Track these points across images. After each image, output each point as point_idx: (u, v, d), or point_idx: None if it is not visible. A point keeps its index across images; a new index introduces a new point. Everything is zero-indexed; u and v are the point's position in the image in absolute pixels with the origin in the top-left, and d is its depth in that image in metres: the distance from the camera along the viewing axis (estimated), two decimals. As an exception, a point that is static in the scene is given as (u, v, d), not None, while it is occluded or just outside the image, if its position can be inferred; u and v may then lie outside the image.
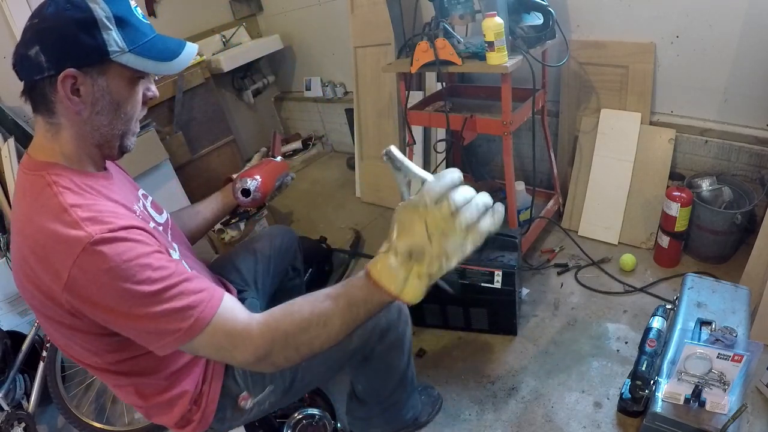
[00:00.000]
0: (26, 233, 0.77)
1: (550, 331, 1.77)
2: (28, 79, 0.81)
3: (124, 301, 0.74)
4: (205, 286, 0.80)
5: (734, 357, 1.06)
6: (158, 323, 0.75)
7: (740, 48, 1.73)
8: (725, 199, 1.84)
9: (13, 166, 2.27)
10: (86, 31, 0.77)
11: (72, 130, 0.83)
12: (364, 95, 2.76)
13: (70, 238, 0.72)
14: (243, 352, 0.78)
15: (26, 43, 0.78)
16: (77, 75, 0.78)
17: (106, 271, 0.72)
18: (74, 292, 0.74)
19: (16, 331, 1.85)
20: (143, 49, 0.82)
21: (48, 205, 0.76)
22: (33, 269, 0.76)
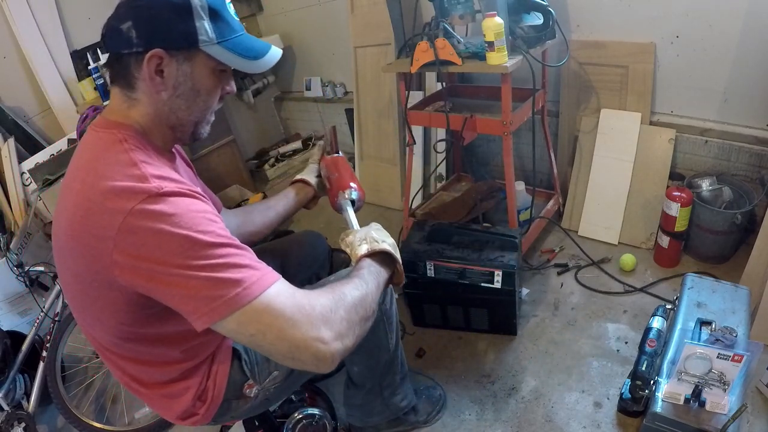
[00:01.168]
0: (87, 183, 0.75)
1: (550, 331, 1.77)
2: (115, 51, 0.82)
3: (183, 249, 0.69)
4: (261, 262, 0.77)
5: (734, 357, 1.06)
6: (216, 275, 0.69)
7: (740, 48, 1.73)
8: (725, 199, 1.84)
9: (13, 166, 2.27)
10: (180, 16, 0.79)
11: (149, 107, 0.85)
12: (364, 95, 2.76)
13: (136, 187, 0.71)
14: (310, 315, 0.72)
15: (120, 16, 0.79)
16: (164, 56, 0.80)
17: (169, 216, 0.70)
18: (127, 240, 0.70)
19: (16, 331, 1.85)
20: (231, 44, 0.85)
21: (117, 158, 0.76)
22: (81, 220, 0.73)
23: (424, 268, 1.70)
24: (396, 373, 1.35)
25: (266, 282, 0.73)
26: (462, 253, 1.68)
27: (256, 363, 1.03)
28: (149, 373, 0.93)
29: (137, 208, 0.70)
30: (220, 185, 2.95)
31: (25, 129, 2.55)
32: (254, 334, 0.71)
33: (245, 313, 0.70)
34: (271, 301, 0.71)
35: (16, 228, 2.17)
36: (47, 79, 2.56)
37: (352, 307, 0.80)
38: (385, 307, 1.20)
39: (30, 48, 2.48)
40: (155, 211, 0.70)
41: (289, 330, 0.71)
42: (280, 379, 1.05)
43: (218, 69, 0.87)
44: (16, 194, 2.23)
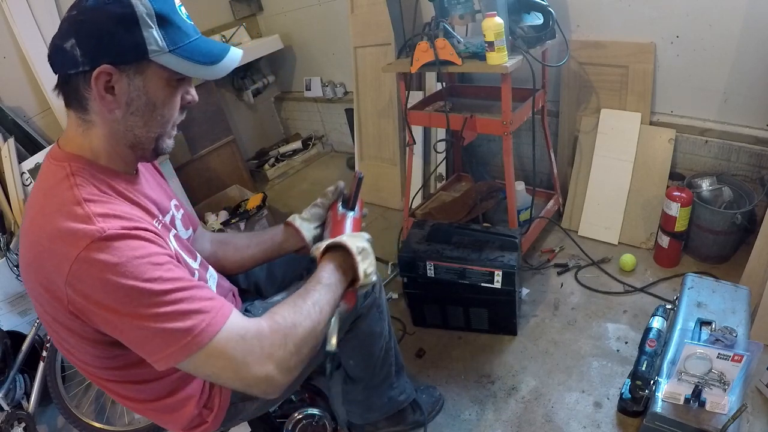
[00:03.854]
0: (36, 223, 0.74)
1: (550, 331, 1.77)
2: (62, 72, 0.77)
3: (130, 299, 0.69)
4: (215, 296, 0.77)
5: (734, 357, 1.06)
6: (165, 326, 0.69)
7: (740, 48, 1.73)
8: (725, 199, 1.84)
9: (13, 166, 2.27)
10: (125, 27, 0.73)
11: (104, 128, 0.79)
12: (364, 95, 2.76)
13: (79, 231, 0.69)
14: (259, 356, 0.74)
15: (62, 34, 0.74)
16: (113, 72, 0.74)
17: (113, 266, 0.68)
18: (76, 288, 0.69)
19: (16, 331, 1.85)
20: (185, 51, 0.78)
21: (62, 196, 0.74)
22: (38, 260, 0.72)
23: (424, 268, 1.70)
24: (391, 364, 1.35)
25: (216, 326, 0.72)
26: (462, 253, 1.68)
27: None
28: (142, 391, 0.89)
29: (82, 255, 0.68)
30: (220, 185, 2.95)
31: (25, 129, 2.54)
32: (210, 375, 0.75)
33: (198, 357, 0.72)
34: (222, 345, 0.72)
35: (16, 228, 2.17)
36: (47, 79, 2.56)
37: (301, 341, 0.79)
38: (374, 295, 1.21)
39: (30, 48, 2.48)
40: (99, 260, 0.68)
41: (241, 371, 0.73)
42: None
43: (174, 78, 0.81)
44: (16, 194, 2.23)
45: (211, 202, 2.85)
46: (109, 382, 0.87)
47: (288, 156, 3.57)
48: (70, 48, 0.73)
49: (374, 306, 1.22)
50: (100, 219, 0.70)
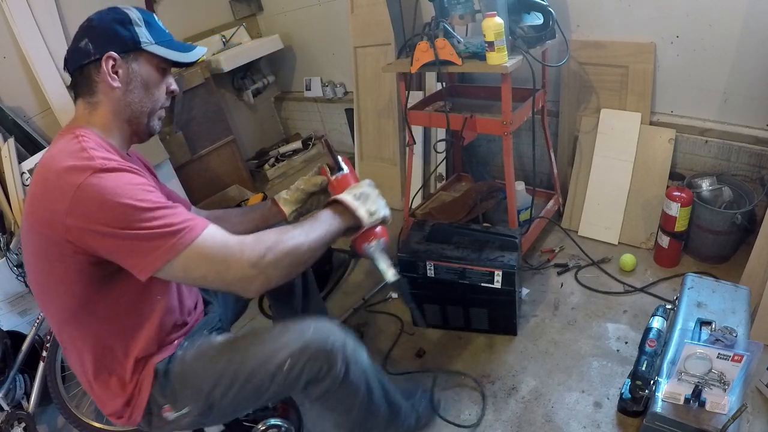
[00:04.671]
0: (45, 167, 0.90)
1: (550, 331, 1.77)
2: (77, 66, 0.99)
3: (124, 214, 0.84)
4: (193, 216, 0.92)
5: (734, 357, 1.06)
6: (152, 232, 0.85)
7: (740, 48, 1.73)
8: (725, 199, 1.84)
9: (13, 166, 2.27)
10: (123, 25, 1.00)
11: (108, 106, 1.01)
12: (364, 95, 2.76)
13: (83, 164, 0.86)
14: (239, 260, 0.89)
15: (77, 39, 0.99)
16: (116, 58, 0.98)
17: (111, 189, 0.84)
18: (76, 212, 0.84)
19: (16, 331, 1.85)
20: (166, 44, 1.05)
21: (70, 148, 0.90)
22: (40, 197, 0.88)
23: (424, 268, 1.70)
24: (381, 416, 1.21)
25: (195, 232, 0.88)
26: (462, 253, 1.68)
27: (170, 392, 1.04)
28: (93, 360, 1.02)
29: (85, 182, 0.84)
30: (219, 185, 2.95)
31: (25, 129, 2.54)
32: (196, 278, 0.91)
33: (183, 258, 0.87)
34: (204, 246, 0.89)
35: (16, 228, 2.17)
36: (47, 79, 2.56)
37: (282, 254, 0.93)
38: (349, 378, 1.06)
39: (30, 48, 2.48)
40: (99, 184, 0.84)
41: (222, 272, 0.90)
42: (196, 414, 1.05)
43: (161, 67, 1.06)
44: (16, 194, 2.23)
45: (211, 202, 2.85)
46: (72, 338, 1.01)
47: (288, 156, 3.57)
48: (84, 45, 0.98)
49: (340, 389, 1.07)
50: (99, 159, 0.88)
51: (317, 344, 1.01)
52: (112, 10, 1.01)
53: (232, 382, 1.02)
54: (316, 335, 1.02)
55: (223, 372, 1.02)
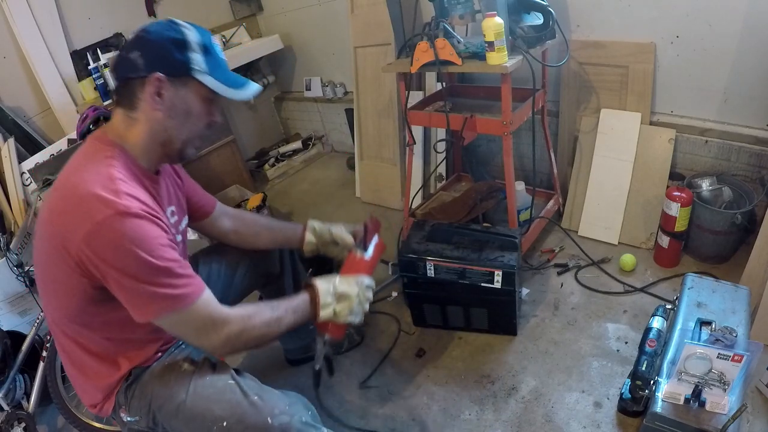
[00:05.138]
0: (72, 182, 0.92)
1: (550, 331, 1.77)
2: (123, 76, 0.98)
3: (135, 267, 0.89)
4: (194, 275, 0.98)
5: (734, 357, 1.06)
6: (155, 290, 0.91)
7: (740, 48, 1.73)
8: (725, 199, 1.84)
9: (13, 166, 2.27)
10: (178, 48, 0.96)
11: (146, 125, 1.00)
12: (364, 95, 2.76)
13: (107, 200, 0.88)
14: (218, 334, 0.98)
15: (129, 47, 0.97)
16: (164, 80, 0.96)
17: (130, 237, 0.87)
18: (90, 244, 0.87)
19: (16, 331, 1.85)
20: (219, 75, 1.01)
21: (100, 169, 0.92)
22: (61, 214, 0.90)
23: (424, 268, 1.70)
24: None
25: (192, 298, 0.95)
26: (462, 253, 1.68)
27: (130, 398, 1.08)
28: (82, 357, 1.07)
29: (105, 220, 0.86)
30: (220, 185, 2.95)
31: (25, 129, 2.55)
32: (178, 334, 1.01)
33: (173, 318, 0.95)
34: (192, 314, 0.96)
35: (16, 228, 2.17)
36: (47, 79, 2.56)
37: (252, 339, 1.03)
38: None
39: (30, 48, 2.48)
40: (118, 229, 0.87)
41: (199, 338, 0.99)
42: (144, 426, 1.10)
43: (208, 98, 1.03)
44: (16, 194, 2.23)
45: (211, 202, 2.85)
46: (66, 336, 1.05)
47: (288, 156, 3.57)
48: (135, 58, 0.95)
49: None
50: (125, 197, 0.90)
51: (255, 419, 1.01)
52: (172, 27, 0.97)
53: (175, 413, 1.04)
54: (259, 409, 1.02)
55: (171, 399, 1.05)
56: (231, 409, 1.02)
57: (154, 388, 1.06)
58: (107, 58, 2.56)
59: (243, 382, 1.07)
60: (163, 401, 1.05)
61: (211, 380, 1.07)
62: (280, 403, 1.06)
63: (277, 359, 1.83)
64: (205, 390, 1.05)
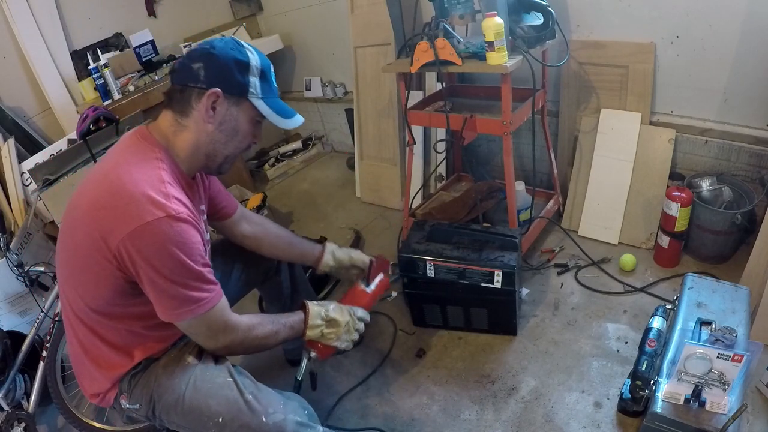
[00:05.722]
0: (121, 179, 0.94)
1: (550, 331, 1.77)
2: (181, 83, 1.03)
3: (174, 269, 0.94)
4: (217, 283, 1.04)
5: (734, 357, 1.06)
6: (185, 296, 0.96)
7: (740, 48, 1.73)
8: (725, 199, 1.84)
9: (13, 166, 2.27)
10: (240, 70, 1.02)
11: (194, 135, 1.04)
12: (364, 95, 2.76)
13: (159, 203, 0.92)
14: (225, 338, 1.06)
15: (193, 57, 1.02)
16: (220, 96, 1.01)
17: (175, 241, 0.92)
18: (134, 242, 0.91)
19: (16, 331, 1.85)
20: (271, 101, 1.09)
21: (150, 172, 0.97)
22: (105, 208, 0.93)
23: (424, 268, 1.70)
24: None
25: (212, 303, 1.01)
26: (462, 253, 1.68)
27: (134, 386, 1.11)
28: (97, 347, 1.08)
29: (155, 222, 0.90)
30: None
31: (25, 129, 2.55)
32: (191, 333, 1.05)
33: (192, 321, 1.01)
34: (208, 319, 1.02)
35: (16, 228, 2.17)
36: (47, 79, 2.56)
37: (250, 347, 1.12)
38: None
39: (30, 48, 2.48)
40: (166, 231, 0.92)
41: (207, 340, 1.07)
42: (143, 414, 1.13)
43: (256, 120, 1.10)
44: (16, 194, 2.23)
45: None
46: (83, 324, 1.06)
47: (288, 156, 3.57)
48: (197, 69, 1.00)
49: None
50: (174, 201, 0.95)
51: (249, 417, 1.05)
52: (237, 47, 1.03)
53: (174, 405, 1.08)
54: (253, 408, 1.05)
55: (172, 391, 1.08)
56: (227, 405, 1.06)
57: (159, 378, 1.09)
58: (107, 58, 2.56)
59: (240, 380, 1.10)
60: (164, 392, 1.08)
61: (210, 376, 1.10)
62: (275, 402, 1.10)
63: (277, 359, 1.83)
64: (204, 385, 1.08)
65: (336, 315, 1.24)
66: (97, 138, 2.13)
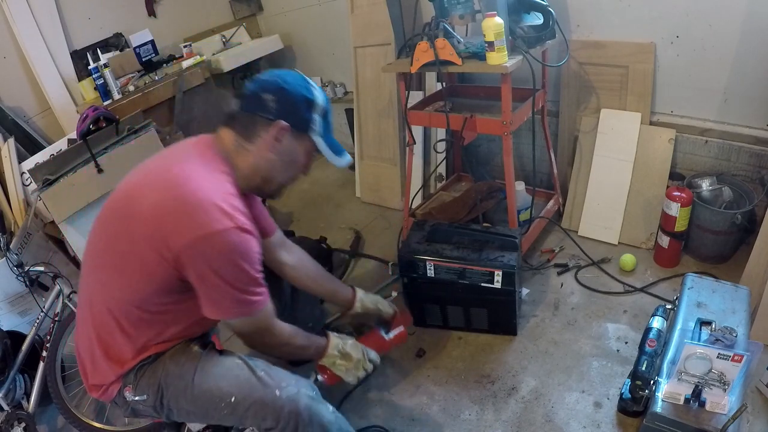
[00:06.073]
0: (187, 182, 0.99)
1: (550, 331, 1.77)
2: (249, 111, 1.09)
3: (237, 275, 1.00)
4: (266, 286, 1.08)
5: (734, 357, 1.06)
6: (240, 299, 1.02)
7: (740, 48, 1.73)
8: (725, 199, 1.84)
9: (13, 166, 2.27)
10: (307, 107, 1.11)
11: (255, 159, 1.11)
12: (364, 95, 2.76)
13: (229, 214, 0.97)
14: (270, 339, 1.12)
15: (265, 89, 1.09)
16: (287, 130, 1.09)
17: (240, 250, 0.98)
18: (200, 248, 0.95)
19: (16, 331, 1.85)
20: (328, 139, 1.17)
21: (220, 185, 1.02)
22: (170, 212, 0.97)
23: (424, 268, 1.70)
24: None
25: (261, 307, 1.07)
26: (462, 253, 1.68)
27: (141, 377, 1.11)
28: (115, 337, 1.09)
29: (223, 231, 0.95)
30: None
31: (25, 129, 2.54)
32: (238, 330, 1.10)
33: (241, 321, 1.07)
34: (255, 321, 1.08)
35: (16, 228, 2.16)
36: (47, 79, 2.56)
37: (286, 353, 1.22)
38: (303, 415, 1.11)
39: (30, 48, 2.48)
40: (233, 241, 0.97)
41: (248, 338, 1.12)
42: (150, 404, 1.13)
43: (311, 154, 1.17)
44: (16, 194, 2.23)
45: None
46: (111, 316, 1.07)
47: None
48: (268, 100, 1.07)
49: None
50: (240, 213, 1.00)
51: (263, 392, 1.09)
52: (306, 85, 1.11)
53: (183, 390, 1.10)
54: (266, 383, 1.10)
55: (181, 377, 1.10)
56: (239, 384, 1.09)
57: (166, 367, 1.11)
58: (107, 58, 2.56)
59: (250, 361, 1.15)
60: (173, 379, 1.10)
61: (219, 360, 1.14)
62: (287, 377, 1.15)
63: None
64: (213, 368, 1.11)
65: (351, 351, 1.32)
66: (97, 138, 2.13)
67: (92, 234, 1.13)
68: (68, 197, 2.02)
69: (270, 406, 1.08)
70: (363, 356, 1.35)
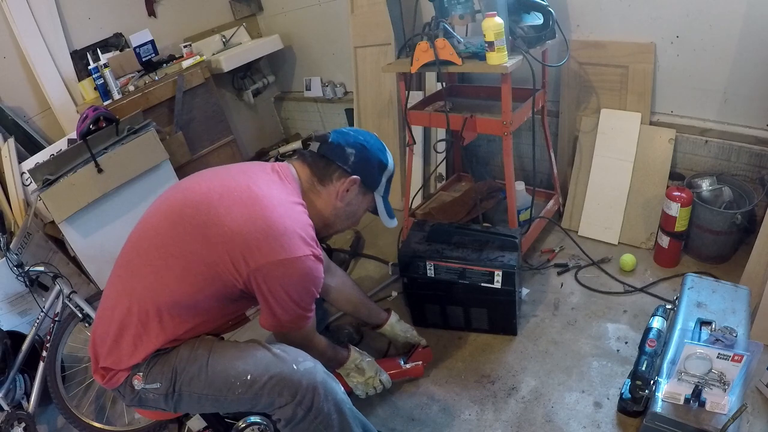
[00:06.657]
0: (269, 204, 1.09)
1: (550, 331, 1.77)
2: (329, 157, 1.23)
3: (304, 297, 1.11)
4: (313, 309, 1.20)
5: (734, 357, 1.06)
6: (302, 312, 1.14)
7: (740, 48, 1.73)
8: (725, 199, 1.84)
9: (13, 166, 2.27)
10: (380, 170, 1.27)
11: (323, 202, 1.25)
12: (364, 95, 2.76)
13: (309, 244, 1.09)
14: (306, 347, 1.21)
15: (348, 143, 1.24)
16: (358, 183, 1.24)
17: (311, 276, 1.09)
18: (278, 270, 1.04)
19: (16, 331, 1.85)
20: (385, 201, 1.33)
21: (299, 216, 1.12)
22: (253, 234, 1.04)
23: (424, 268, 1.70)
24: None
25: (308, 322, 1.19)
26: (462, 253, 1.68)
27: (153, 364, 1.11)
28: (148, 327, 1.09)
29: (303, 258, 1.06)
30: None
31: (25, 129, 2.54)
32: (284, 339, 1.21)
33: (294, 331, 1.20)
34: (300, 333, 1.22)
35: (16, 228, 2.16)
36: (47, 79, 2.56)
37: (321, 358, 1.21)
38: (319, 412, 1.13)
39: (30, 48, 2.48)
40: (310, 267, 1.08)
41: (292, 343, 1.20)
42: (161, 393, 1.12)
43: (368, 209, 1.33)
44: (16, 194, 2.23)
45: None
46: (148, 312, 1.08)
47: (288, 156, 3.56)
48: (349, 154, 1.23)
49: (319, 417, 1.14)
50: (316, 244, 1.11)
51: (281, 367, 1.11)
52: (383, 150, 1.28)
53: (198, 373, 1.10)
54: (282, 359, 1.13)
55: (195, 360, 1.11)
56: (255, 362, 1.11)
57: (180, 353, 1.12)
58: (107, 58, 2.56)
59: (264, 341, 1.19)
60: (187, 363, 1.11)
61: (233, 342, 1.18)
62: (303, 353, 1.19)
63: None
64: (227, 350, 1.14)
65: (366, 368, 1.46)
66: (97, 138, 2.13)
67: (150, 227, 1.15)
68: (68, 197, 2.02)
69: (288, 380, 1.09)
70: (375, 374, 1.47)
